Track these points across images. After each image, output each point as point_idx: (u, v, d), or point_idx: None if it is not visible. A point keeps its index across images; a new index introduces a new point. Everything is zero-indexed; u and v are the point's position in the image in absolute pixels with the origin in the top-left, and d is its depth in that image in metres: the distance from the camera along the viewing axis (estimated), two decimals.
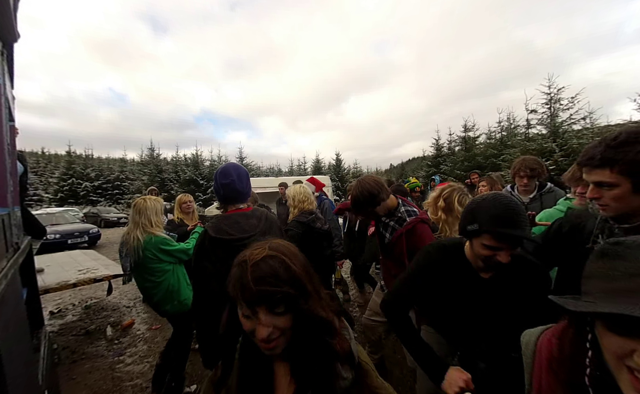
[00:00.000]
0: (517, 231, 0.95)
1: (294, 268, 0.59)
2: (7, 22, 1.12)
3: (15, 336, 0.87)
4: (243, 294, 0.57)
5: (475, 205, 1.07)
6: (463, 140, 16.92)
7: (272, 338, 0.57)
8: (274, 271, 0.57)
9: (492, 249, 1.00)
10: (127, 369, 2.64)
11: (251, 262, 0.59)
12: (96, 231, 9.88)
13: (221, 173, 1.42)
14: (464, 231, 1.10)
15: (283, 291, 0.56)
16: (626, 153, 0.84)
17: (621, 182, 0.86)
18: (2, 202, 1.05)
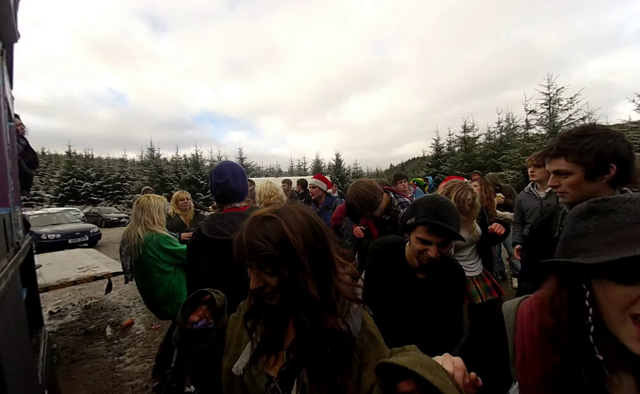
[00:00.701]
0: (446, 225, 1.07)
1: (289, 235, 0.59)
2: (7, 22, 1.13)
3: (14, 336, 0.87)
4: (238, 246, 0.62)
5: (417, 201, 1.20)
6: (462, 141, 16.92)
7: (265, 292, 0.61)
8: (265, 230, 0.60)
9: (423, 243, 1.11)
10: (127, 369, 2.64)
11: (252, 219, 0.63)
12: (97, 231, 9.89)
13: (216, 172, 1.37)
14: (405, 226, 1.20)
15: (267, 249, 0.58)
16: (577, 144, 0.96)
17: (575, 170, 0.98)
18: (3, 202, 1.06)
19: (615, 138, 0.93)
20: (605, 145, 0.93)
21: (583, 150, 0.95)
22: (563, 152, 1.00)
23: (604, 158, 0.93)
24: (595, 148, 0.93)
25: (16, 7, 1.26)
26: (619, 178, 0.95)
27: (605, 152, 0.93)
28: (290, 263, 0.59)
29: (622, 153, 0.92)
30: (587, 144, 0.94)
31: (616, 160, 0.92)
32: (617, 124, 10.61)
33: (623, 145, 0.93)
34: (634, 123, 9.88)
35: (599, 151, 0.93)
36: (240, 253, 0.62)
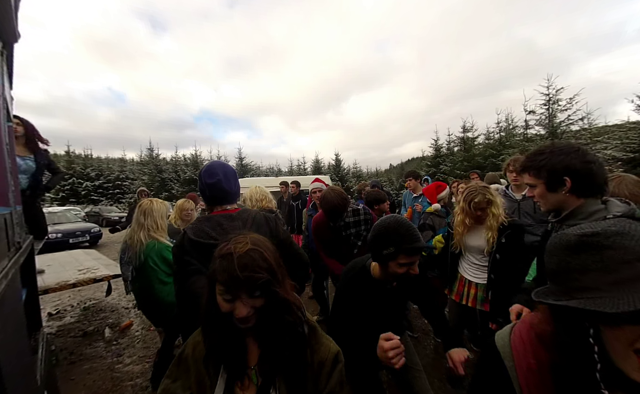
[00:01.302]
0: (422, 243, 1.19)
1: (269, 259, 0.73)
2: (7, 22, 1.13)
3: (13, 337, 0.87)
4: (229, 282, 0.69)
5: (384, 230, 1.21)
6: (462, 141, 16.92)
7: (249, 315, 0.70)
8: (255, 262, 0.70)
9: (407, 265, 1.18)
10: (126, 370, 2.63)
11: (237, 254, 0.70)
12: (97, 230, 9.88)
13: (206, 172, 1.30)
14: (379, 256, 1.23)
15: (263, 277, 0.69)
16: (534, 161, 1.11)
17: (537, 183, 1.12)
18: (4, 201, 1.05)
19: (568, 153, 1.04)
20: (556, 161, 1.05)
21: (538, 166, 1.10)
22: (526, 168, 1.16)
23: (555, 172, 1.06)
24: (547, 164, 1.07)
25: (17, 7, 1.26)
26: (581, 189, 1.05)
27: (556, 167, 1.05)
28: (276, 281, 0.73)
29: (573, 167, 1.03)
30: (541, 161, 1.09)
31: (568, 174, 1.04)
32: (616, 124, 10.62)
33: (575, 160, 1.03)
34: (632, 124, 9.88)
35: (551, 167, 1.06)
36: (234, 286, 0.69)
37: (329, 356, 0.80)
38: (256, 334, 0.77)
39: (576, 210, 1.07)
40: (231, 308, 0.70)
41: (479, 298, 1.98)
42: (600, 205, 1.06)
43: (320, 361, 0.78)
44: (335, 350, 0.82)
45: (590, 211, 1.05)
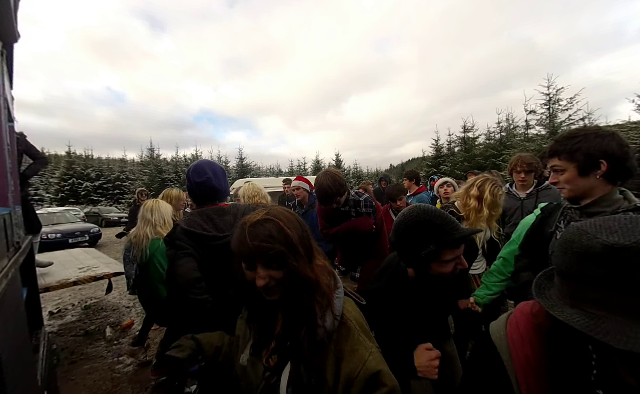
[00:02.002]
0: (464, 229, 1.00)
1: (287, 231, 0.68)
2: (7, 22, 1.13)
3: (14, 336, 0.87)
4: (241, 250, 0.67)
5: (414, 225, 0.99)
6: (462, 141, 16.91)
7: (269, 286, 0.67)
8: (268, 232, 0.66)
9: (454, 260, 0.98)
10: (127, 370, 2.63)
11: (249, 224, 0.68)
12: (97, 230, 9.88)
13: (194, 171, 1.28)
14: (416, 259, 1.00)
15: (275, 248, 0.65)
16: (567, 144, 1.07)
17: (567, 167, 1.08)
18: (3, 202, 1.06)
19: (604, 137, 1.01)
20: (593, 144, 1.01)
21: (573, 149, 1.05)
22: (556, 152, 1.12)
23: (592, 155, 1.01)
24: (584, 146, 1.03)
25: (16, 7, 1.26)
26: (615, 174, 1.01)
27: (593, 149, 1.01)
28: (293, 254, 0.67)
29: (611, 150, 0.99)
30: (577, 144, 1.04)
31: (605, 157, 0.99)
32: (617, 124, 10.60)
33: (612, 142, 0.99)
34: (633, 124, 9.86)
35: (587, 149, 1.02)
36: (246, 256, 0.68)
37: (362, 371, 0.61)
38: (280, 306, 0.74)
39: (602, 198, 1.03)
40: (252, 277, 0.69)
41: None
42: (619, 195, 1.04)
43: (349, 376, 0.62)
44: (373, 368, 0.62)
45: (615, 199, 1.02)
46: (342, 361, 0.64)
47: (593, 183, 1.03)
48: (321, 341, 0.66)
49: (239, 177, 20.38)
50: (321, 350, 0.66)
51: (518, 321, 0.64)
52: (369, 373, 0.61)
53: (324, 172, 2.04)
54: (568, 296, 0.51)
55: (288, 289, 0.68)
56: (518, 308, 0.68)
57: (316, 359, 0.66)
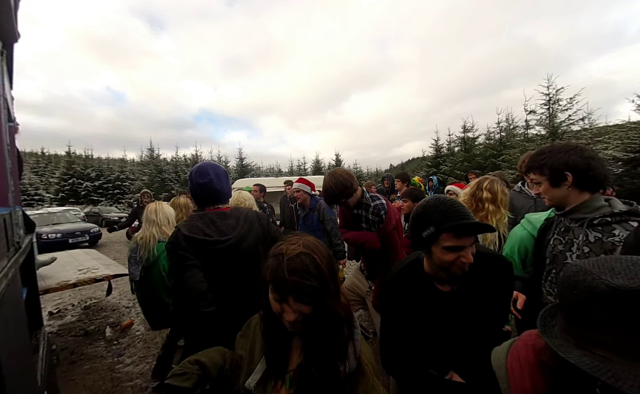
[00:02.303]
0: (471, 219, 0.96)
1: (322, 266, 0.68)
2: (7, 22, 1.13)
3: (14, 336, 0.87)
4: (277, 282, 0.67)
5: (422, 210, 1.03)
6: (462, 141, 16.92)
7: (297, 320, 0.68)
8: (305, 267, 0.66)
9: (454, 250, 0.94)
10: (127, 370, 2.63)
11: (287, 256, 0.67)
12: (97, 230, 9.88)
13: (197, 172, 1.29)
14: (419, 241, 1.02)
15: (311, 285, 0.65)
16: (536, 161, 1.21)
17: (541, 180, 1.21)
18: (3, 202, 1.05)
19: (568, 151, 1.12)
20: (556, 159, 1.14)
21: (540, 164, 1.19)
22: (529, 168, 1.26)
23: (557, 169, 1.14)
24: (549, 162, 1.16)
25: (16, 7, 1.26)
26: (583, 183, 1.11)
27: (557, 164, 1.13)
28: (325, 291, 0.68)
29: (573, 163, 1.10)
30: (543, 160, 1.18)
31: (568, 169, 1.11)
32: (617, 124, 10.60)
33: (575, 156, 1.10)
34: (633, 123, 9.86)
35: (552, 164, 1.15)
36: (281, 288, 0.67)
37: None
38: (301, 339, 0.75)
39: (582, 205, 1.13)
40: (280, 309, 0.69)
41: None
42: (603, 202, 1.12)
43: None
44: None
45: (596, 206, 1.11)
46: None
47: (565, 193, 1.15)
48: (344, 379, 0.67)
49: (239, 177, 20.37)
50: (341, 389, 0.67)
51: (520, 352, 0.63)
52: None
53: (330, 171, 1.97)
54: (572, 336, 0.50)
55: (313, 323, 0.69)
56: (522, 339, 0.67)
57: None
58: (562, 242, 1.20)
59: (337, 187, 1.86)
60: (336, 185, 1.85)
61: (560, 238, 1.21)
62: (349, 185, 1.85)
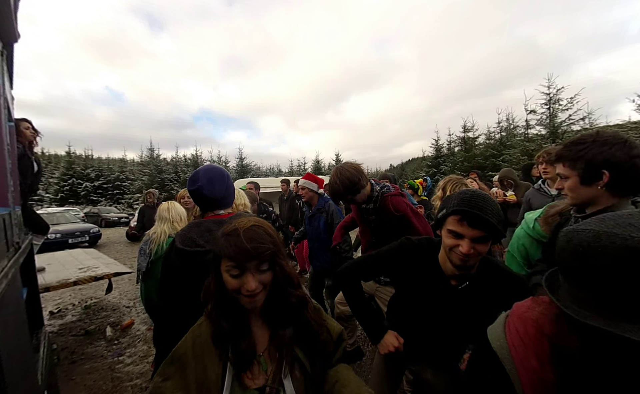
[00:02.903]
0: (480, 213, 0.91)
1: (272, 234, 0.77)
2: (7, 22, 1.13)
3: (15, 336, 0.87)
4: (237, 254, 0.70)
5: (450, 194, 1.17)
6: (462, 141, 16.92)
7: (257, 292, 0.72)
8: (260, 235, 0.74)
9: (455, 236, 0.96)
10: (127, 370, 2.63)
11: (242, 229, 0.73)
12: (97, 230, 9.88)
13: (190, 178, 1.27)
14: (437, 222, 1.08)
15: (269, 248, 0.72)
16: (572, 150, 1.02)
17: (571, 175, 1.04)
18: (3, 202, 1.06)
19: (612, 145, 0.93)
20: (597, 152, 0.95)
21: (576, 156, 1.01)
22: (560, 158, 1.08)
23: (593, 165, 0.96)
24: (587, 155, 0.97)
25: (16, 7, 1.26)
26: (620, 185, 0.94)
27: (596, 159, 0.95)
28: (280, 255, 0.76)
29: (615, 160, 0.92)
30: (581, 151, 0.99)
31: (608, 167, 0.93)
32: (617, 124, 10.60)
33: (620, 152, 0.92)
34: (634, 123, 9.86)
35: (589, 158, 0.97)
36: (243, 258, 0.71)
37: (334, 334, 0.84)
38: (265, 315, 0.80)
39: (608, 209, 0.97)
40: (239, 284, 0.72)
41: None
42: (630, 207, 0.98)
43: (326, 341, 0.83)
44: (338, 329, 0.86)
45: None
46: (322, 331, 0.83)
47: (596, 193, 0.98)
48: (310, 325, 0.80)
49: (239, 177, 20.37)
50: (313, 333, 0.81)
51: (518, 326, 0.61)
52: (337, 334, 0.86)
53: (337, 166, 1.83)
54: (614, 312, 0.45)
55: (274, 292, 0.77)
56: (515, 312, 0.65)
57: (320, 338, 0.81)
58: None
59: (343, 183, 1.71)
60: (342, 181, 1.71)
61: None
62: (356, 180, 1.70)
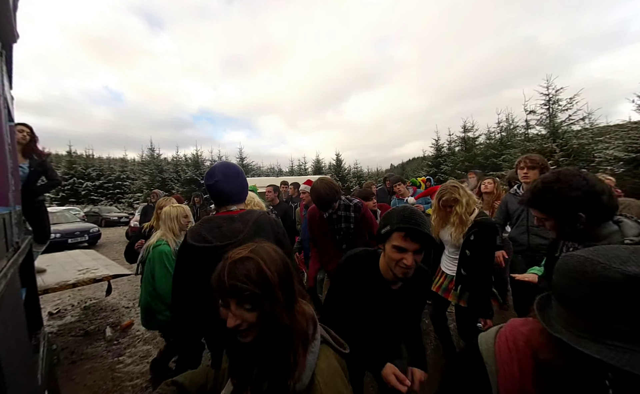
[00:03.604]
0: (421, 228, 1.07)
1: (267, 272, 0.66)
2: (6, 22, 1.12)
3: (14, 336, 0.87)
4: (217, 286, 0.66)
5: (389, 211, 1.20)
6: (463, 141, 16.93)
7: (241, 329, 0.66)
8: (246, 271, 0.65)
9: (399, 251, 1.09)
10: (127, 370, 2.63)
11: (230, 260, 0.67)
12: (96, 230, 9.88)
13: (207, 174, 1.35)
14: (379, 237, 1.19)
15: (249, 289, 0.64)
16: (541, 200, 1.07)
17: (548, 219, 1.08)
18: (4, 201, 1.05)
19: (578, 189, 0.98)
20: (567, 200, 0.99)
21: (548, 206, 1.05)
22: (533, 204, 1.12)
23: (567, 211, 1.00)
24: (557, 202, 1.01)
25: (15, 7, 1.26)
26: (596, 218, 1.00)
27: (568, 205, 0.99)
28: (269, 298, 0.65)
29: (588, 202, 0.97)
30: (550, 198, 1.04)
31: (582, 209, 0.98)
32: (617, 124, 10.60)
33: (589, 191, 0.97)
34: (634, 123, 9.86)
35: (562, 205, 1.00)
36: (222, 292, 0.66)
37: None
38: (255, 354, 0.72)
39: (592, 235, 1.04)
40: (225, 315, 0.68)
41: (442, 286, 2.17)
42: (614, 227, 1.04)
43: None
44: None
45: (605, 234, 1.02)
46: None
47: (578, 230, 1.04)
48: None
49: None
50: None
51: (508, 336, 0.64)
52: None
53: (319, 179, 2.11)
54: (580, 329, 0.50)
55: (262, 334, 0.67)
56: (510, 326, 0.68)
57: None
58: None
59: (331, 190, 1.96)
60: (330, 188, 1.98)
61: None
62: (338, 189, 2.05)
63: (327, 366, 0.70)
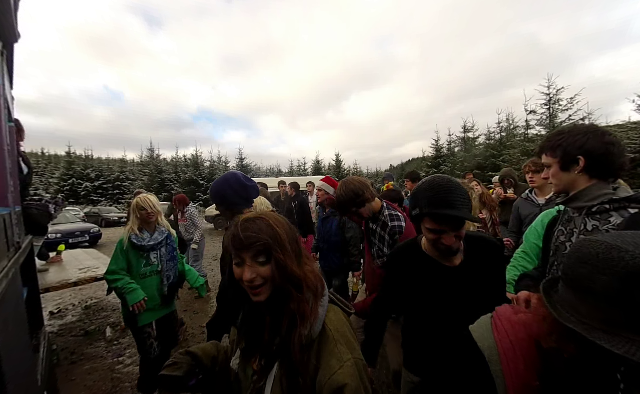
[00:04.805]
0: (453, 211, 0.97)
1: (276, 228, 0.72)
2: (7, 22, 1.12)
3: (14, 336, 0.87)
4: (234, 243, 0.70)
5: (416, 189, 1.10)
6: (462, 141, 16.95)
7: (255, 284, 0.69)
8: (258, 226, 0.71)
9: (435, 232, 1.02)
10: (127, 370, 2.63)
11: (242, 220, 0.73)
12: (97, 230, 9.88)
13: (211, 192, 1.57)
14: (411, 217, 1.12)
15: (262, 238, 0.69)
16: (552, 140, 1.14)
17: (552, 162, 1.14)
18: (3, 202, 1.05)
19: (586, 134, 1.04)
20: (573, 141, 1.06)
21: (555, 145, 1.12)
22: (543, 148, 1.19)
23: (569, 151, 1.07)
24: (564, 143, 1.09)
25: (16, 7, 1.26)
26: (594, 169, 1.05)
27: (572, 146, 1.07)
28: (281, 249, 0.70)
29: (589, 147, 1.03)
30: (559, 140, 1.11)
31: (583, 153, 1.04)
32: (617, 124, 10.61)
33: (593, 140, 1.03)
34: (634, 123, 9.88)
35: (567, 145, 1.08)
36: (237, 247, 0.70)
37: (327, 383, 0.62)
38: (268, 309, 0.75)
39: (584, 191, 1.06)
40: (240, 274, 0.71)
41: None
42: (608, 189, 1.04)
43: (319, 384, 0.64)
44: (339, 381, 0.61)
45: (597, 194, 1.04)
46: (318, 370, 0.65)
47: (574, 178, 1.09)
48: (306, 345, 0.67)
49: None
50: (305, 354, 0.67)
51: (507, 330, 0.61)
52: (335, 386, 0.61)
53: (344, 180, 1.87)
54: (598, 320, 0.47)
55: (276, 288, 0.70)
56: (503, 314, 0.65)
57: (302, 363, 0.66)
58: (564, 232, 1.15)
59: (347, 194, 1.74)
60: (346, 193, 1.75)
61: (562, 229, 1.17)
62: (360, 193, 1.73)
63: (335, 317, 0.75)
